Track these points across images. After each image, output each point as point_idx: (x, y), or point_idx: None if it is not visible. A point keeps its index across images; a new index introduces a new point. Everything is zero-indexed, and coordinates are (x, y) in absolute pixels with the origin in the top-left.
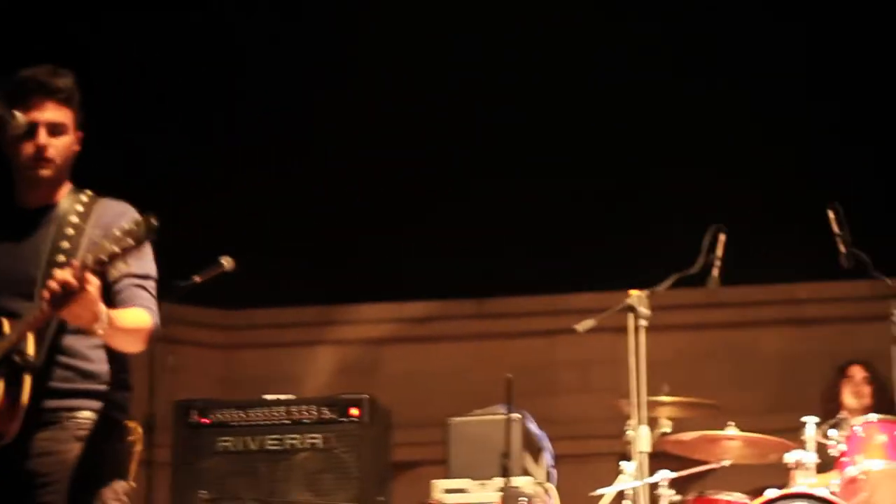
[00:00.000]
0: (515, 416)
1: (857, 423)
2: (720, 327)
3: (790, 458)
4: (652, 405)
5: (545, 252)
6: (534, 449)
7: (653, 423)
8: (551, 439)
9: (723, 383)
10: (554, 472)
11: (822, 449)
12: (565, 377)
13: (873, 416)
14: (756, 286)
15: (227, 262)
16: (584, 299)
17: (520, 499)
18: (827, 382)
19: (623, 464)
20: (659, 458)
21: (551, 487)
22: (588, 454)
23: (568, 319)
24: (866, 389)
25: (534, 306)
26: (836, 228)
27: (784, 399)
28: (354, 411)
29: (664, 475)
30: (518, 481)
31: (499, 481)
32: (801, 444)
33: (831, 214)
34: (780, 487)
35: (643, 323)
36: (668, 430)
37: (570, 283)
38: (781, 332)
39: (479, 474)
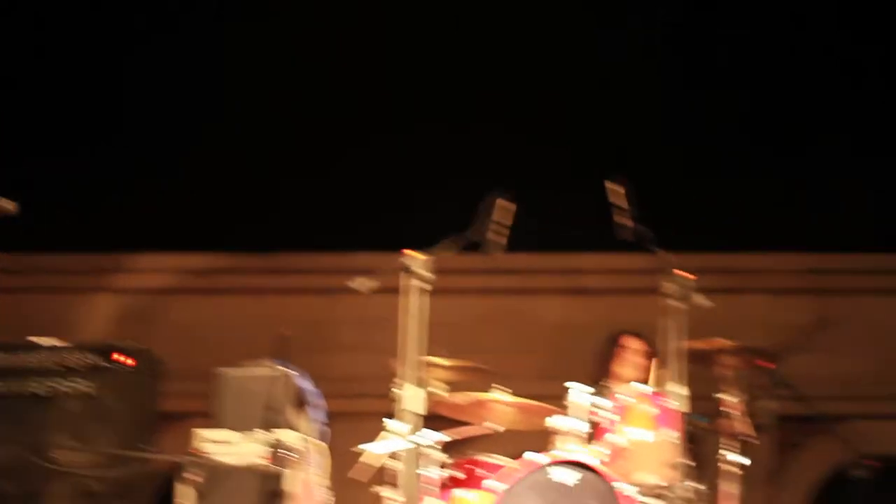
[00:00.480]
0: (284, 370)
1: (627, 393)
2: (501, 293)
3: (552, 423)
4: (428, 367)
5: (331, 210)
6: (303, 405)
7: (426, 384)
8: (327, 396)
9: (501, 348)
10: (327, 429)
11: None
12: (344, 335)
13: (643, 387)
14: (537, 254)
15: (7, 205)
16: (368, 259)
17: (279, 451)
18: (597, 350)
19: (387, 421)
20: (434, 421)
21: (320, 444)
22: (362, 412)
23: (351, 278)
24: (641, 361)
25: (317, 263)
26: (615, 200)
27: (561, 366)
28: (124, 359)
29: (428, 436)
30: (283, 435)
31: (262, 434)
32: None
33: (611, 186)
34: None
35: (423, 285)
36: (444, 392)
37: (355, 241)
38: (561, 301)
39: (245, 426)
